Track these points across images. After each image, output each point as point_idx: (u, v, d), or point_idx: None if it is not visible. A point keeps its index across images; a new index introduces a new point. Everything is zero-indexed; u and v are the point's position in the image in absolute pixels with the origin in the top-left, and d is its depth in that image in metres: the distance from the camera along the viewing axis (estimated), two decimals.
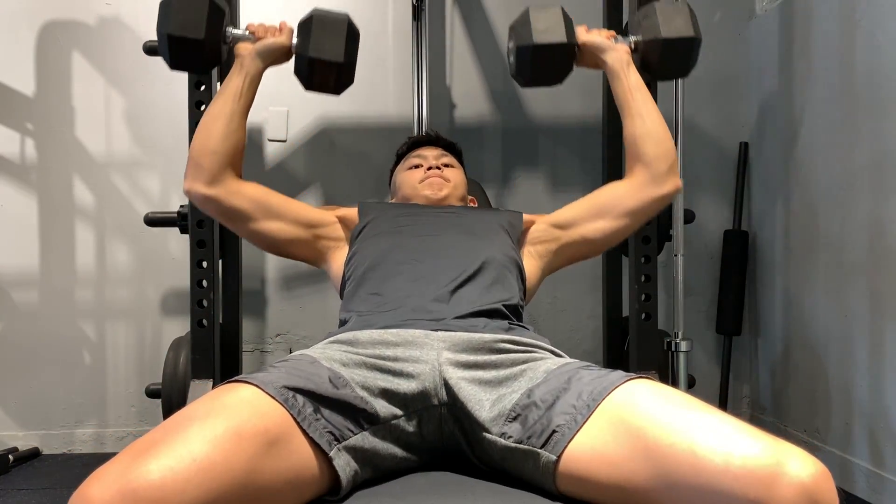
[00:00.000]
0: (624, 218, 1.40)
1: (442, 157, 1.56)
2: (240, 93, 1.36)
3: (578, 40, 1.43)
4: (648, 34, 1.41)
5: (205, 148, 1.32)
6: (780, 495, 0.68)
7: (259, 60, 1.39)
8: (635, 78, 1.42)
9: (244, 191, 1.35)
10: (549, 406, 0.90)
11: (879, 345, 1.85)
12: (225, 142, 1.32)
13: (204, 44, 1.33)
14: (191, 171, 1.33)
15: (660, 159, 1.38)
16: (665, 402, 0.82)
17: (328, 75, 1.37)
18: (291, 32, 1.41)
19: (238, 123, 1.35)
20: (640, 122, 1.39)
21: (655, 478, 0.77)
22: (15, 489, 2.02)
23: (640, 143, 1.39)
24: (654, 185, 1.38)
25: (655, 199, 1.39)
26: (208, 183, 1.31)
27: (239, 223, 1.36)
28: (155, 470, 0.69)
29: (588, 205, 1.43)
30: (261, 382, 0.86)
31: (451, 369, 0.97)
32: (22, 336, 2.41)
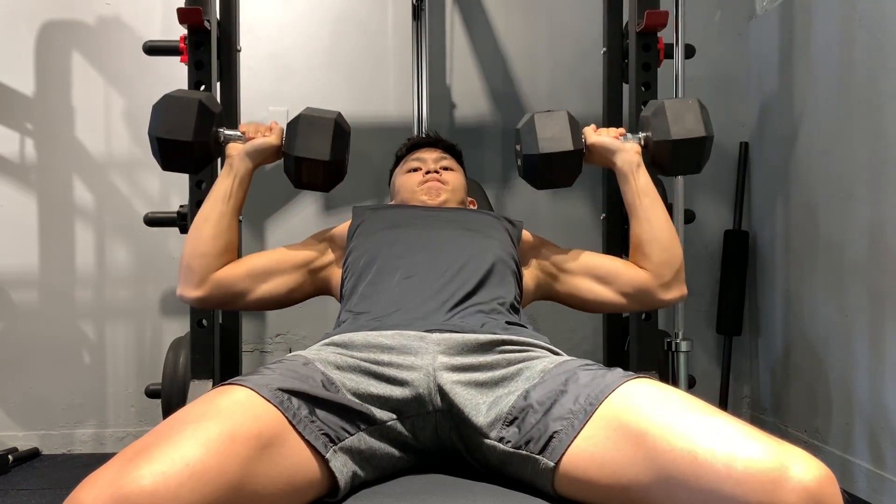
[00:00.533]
0: (621, 297, 1.39)
1: (441, 159, 1.56)
2: (229, 194, 1.37)
3: (587, 142, 1.42)
4: (658, 135, 1.39)
5: (194, 251, 1.34)
6: (784, 499, 0.67)
7: (248, 161, 1.40)
8: (644, 181, 1.40)
9: (232, 274, 1.35)
10: (546, 410, 0.89)
11: (879, 345, 1.85)
12: (214, 243, 1.34)
13: (193, 146, 1.35)
14: (183, 275, 1.35)
15: (665, 266, 1.37)
16: (665, 404, 0.81)
17: (316, 173, 1.39)
18: (282, 132, 1.42)
19: (228, 224, 1.36)
20: (648, 227, 1.38)
21: (656, 481, 0.76)
22: (15, 489, 2.02)
23: (646, 247, 1.38)
24: (659, 288, 1.38)
25: (657, 301, 1.39)
26: (198, 285, 1.33)
27: (239, 302, 1.37)
28: (147, 475, 0.68)
29: (590, 262, 1.42)
30: (255, 385, 0.86)
31: (445, 374, 0.96)
32: (22, 336, 2.41)
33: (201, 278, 1.33)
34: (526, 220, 1.52)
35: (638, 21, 1.80)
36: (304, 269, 1.40)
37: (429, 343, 1.01)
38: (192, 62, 1.79)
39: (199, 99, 1.37)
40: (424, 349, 0.99)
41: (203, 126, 1.36)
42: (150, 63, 2.23)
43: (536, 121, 1.39)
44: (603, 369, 0.94)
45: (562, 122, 1.39)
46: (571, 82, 2.50)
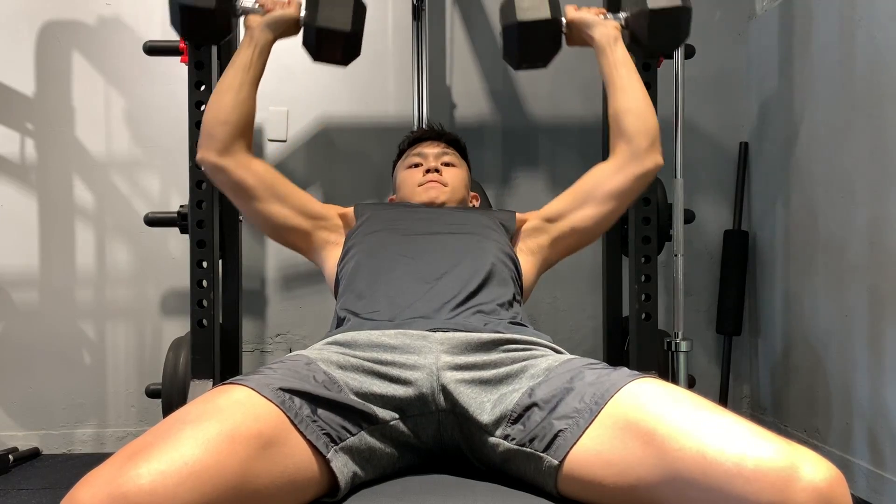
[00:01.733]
0: (609, 201, 1.40)
1: (443, 155, 1.55)
2: (249, 63, 1.39)
3: (567, 17, 1.43)
4: (635, 7, 1.41)
5: (216, 118, 1.35)
6: (794, 499, 0.67)
7: (268, 32, 1.42)
8: (622, 53, 1.42)
9: (253, 167, 1.37)
10: (551, 408, 0.89)
11: (879, 345, 1.85)
12: (235, 111, 1.36)
13: (215, 13, 1.36)
14: (203, 140, 1.37)
15: (641, 134, 1.38)
16: (673, 403, 0.81)
17: (336, 45, 1.40)
18: (300, 5, 1.43)
19: (247, 93, 1.38)
20: (623, 96, 1.40)
21: (664, 480, 0.75)
22: (15, 489, 2.02)
23: (623, 118, 1.39)
24: (636, 161, 1.38)
25: (637, 177, 1.39)
26: (219, 152, 1.35)
27: (244, 199, 1.38)
28: (145, 474, 0.68)
29: (573, 193, 1.44)
30: (256, 384, 0.85)
31: (448, 373, 0.96)
32: (22, 336, 2.41)
33: (224, 146, 1.35)
34: None
35: None
36: (311, 220, 1.41)
37: (432, 342, 1.00)
38: (192, 62, 1.80)
39: None
40: (428, 348, 0.99)
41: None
42: (150, 63, 2.23)
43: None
44: (608, 368, 0.94)
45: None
46: (571, 82, 2.50)
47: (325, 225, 1.42)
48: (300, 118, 2.46)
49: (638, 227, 1.86)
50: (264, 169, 1.40)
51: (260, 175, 1.37)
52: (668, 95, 1.98)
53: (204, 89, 1.79)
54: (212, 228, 1.80)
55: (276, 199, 1.38)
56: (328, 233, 1.42)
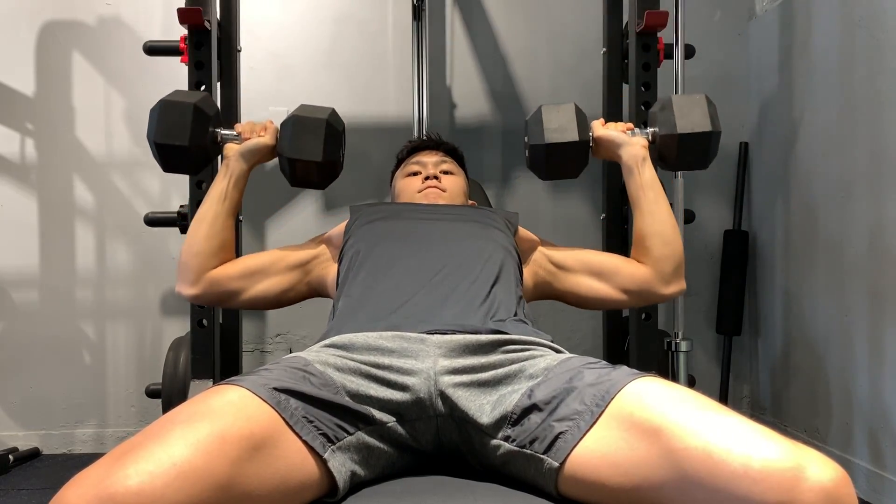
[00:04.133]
0: (622, 293, 1.39)
1: (441, 163, 1.56)
2: (224, 194, 1.39)
3: (594, 134, 1.43)
4: (664, 129, 1.39)
5: (190, 250, 1.37)
6: (801, 499, 0.67)
7: (243, 161, 1.41)
8: (649, 175, 1.41)
9: (227, 273, 1.37)
10: (552, 409, 0.89)
11: (879, 345, 1.85)
12: (208, 242, 1.36)
13: (189, 149, 1.37)
14: (179, 272, 1.38)
15: (666, 260, 1.37)
16: (678, 402, 0.81)
17: (310, 173, 1.40)
18: (276, 132, 1.44)
19: (223, 224, 1.38)
20: (651, 220, 1.39)
21: (669, 480, 0.75)
22: (15, 489, 2.02)
23: (649, 241, 1.38)
24: (660, 282, 1.38)
25: (657, 296, 1.40)
26: (192, 283, 1.36)
27: (233, 301, 1.39)
28: (133, 475, 0.68)
29: (588, 259, 1.43)
30: (252, 385, 0.85)
31: (446, 378, 0.96)
32: (22, 336, 2.41)
33: (196, 276, 1.36)
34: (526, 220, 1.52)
35: (638, 21, 1.80)
36: (299, 270, 1.40)
37: (430, 345, 1.00)
38: (193, 62, 1.79)
39: (194, 103, 1.38)
40: (425, 352, 0.99)
41: (199, 129, 1.38)
42: (150, 63, 2.23)
43: (544, 112, 1.41)
44: (608, 367, 0.94)
45: (569, 114, 1.40)
46: (571, 82, 2.50)
47: (314, 264, 1.42)
48: None
49: None
50: (236, 267, 1.39)
51: (235, 276, 1.37)
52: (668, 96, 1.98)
53: (204, 89, 1.79)
54: None
55: (259, 279, 1.38)
56: (321, 266, 1.42)
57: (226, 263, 1.38)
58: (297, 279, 1.40)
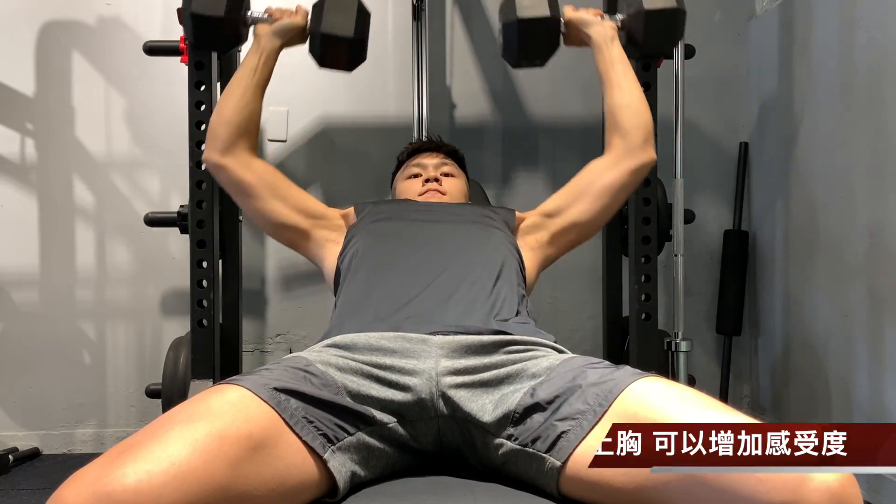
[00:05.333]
0: (605, 196, 1.42)
1: (442, 165, 1.56)
2: (255, 68, 1.44)
3: (565, 17, 1.48)
4: (631, 9, 1.46)
5: (220, 118, 1.41)
6: (807, 498, 0.67)
7: (275, 39, 1.47)
8: (618, 51, 1.46)
9: (254, 165, 1.41)
10: (554, 409, 0.89)
11: (879, 345, 1.85)
12: (239, 113, 1.40)
13: (224, 22, 1.42)
14: (208, 140, 1.42)
15: (636, 129, 1.41)
16: (682, 402, 0.81)
17: (340, 51, 1.44)
18: (306, 14, 1.48)
19: (252, 96, 1.43)
20: (619, 92, 1.43)
21: (674, 479, 0.75)
22: (15, 489, 2.02)
23: (618, 114, 1.43)
24: (630, 156, 1.41)
25: (632, 171, 1.42)
26: (222, 152, 1.39)
27: (245, 197, 1.42)
28: (131, 473, 0.68)
29: (570, 189, 1.46)
30: (252, 385, 0.85)
31: (448, 378, 0.96)
32: (22, 336, 2.41)
33: (225, 145, 1.40)
34: None
35: None
36: (309, 219, 1.43)
37: (431, 346, 1.00)
38: (192, 62, 1.80)
39: None
40: (427, 352, 0.99)
41: (235, 3, 1.43)
42: (150, 63, 2.23)
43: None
44: (611, 367, 0.94)
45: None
46: (571, 82, 2.49)
47: (324, 224, 1.43)
48: (300, 118, 2.45)
49: (638, 227, 1.86)
50: (265, 168, 1.43)
51: (260, 174, 1.41)
52: (668, 95, 1.98)
53: (204, 89, 1.79)
54: (212, 228, 1.80)
55: (276, 198, 1.41)
56: (328, 231, 1.43)
57: (255, 157, 1.43)
58: (303, 226, 1.42)
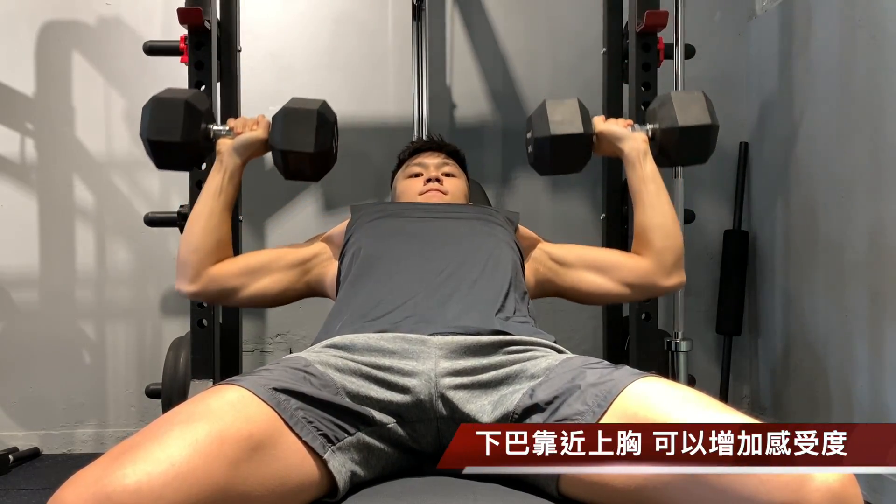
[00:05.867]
0: (623, 287, 1.40)
1: (443, 165, 1.56)
2: (219, 189, 1.39)
3: (595, 129, 1.44)
4: (665, 123, 1.42)
5: (188, 247, 1.36)
6: (808, 498, 0.67)
7: (236, 156, 1.41)
8: (651, 168, 1.42)
9: (226, 271, 1.37)
10: (553, 409, 0.89)
11: (879, 345, 1.85)
12: (206, 239, 1.36)
13: (183, 146, 1.37)
14: (179, 271, 1.38)
15: (667, 252, 1.38)
16: (683, 402, 0.81)
17: (303, 164, 1.40)
18: (268, 125, 1.43)
19: (219, 219, 1.38)
20: (652, 212, 1.40)
21: (674, 479, 0.75)
22: (15, 489, 2.02)
23: (650, 234, 1.39)
24: (660, 274, 1.38)
25: (658, 288, 1.40)
26: (192, 280, 1.36)
27: (233, 298, 1.39)
28: (131, 474, 0.68)
29: (590, 255, 1.44)
30: (251, 385, 0.85)
31: (447, 380, 0.96)
32: (22, 336, 2.41)
33: (196, 273, 1.35)
34: (526, 219, 1.52)
35: (638, 21, 1.81)
36: (299, 268, 1.40)
37: (431, 347, 1.00)
38: (193, 62, 1.79)
39: (185, 99, 1.37)
40: (426, 353, 0.99)
41: (191, 125, 1.38)
42: (150, 63, 2.22)
43: (548, 106, 1.43)
44: (610, 367, 0.94)
45: (573, 108, 1.42)
46: (571, 82, 2.49)
47: (315, 262, 1.42)
48: None
49: None
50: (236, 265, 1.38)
51: (234, 273, 1.37)
52: None
53: (204, 89, 1.79)
54: None
55: (259, 277, 1.38)
56: (322, 264, 1.42)
57: (225, 260, 1.38)
58: (297, 277, 1.40)
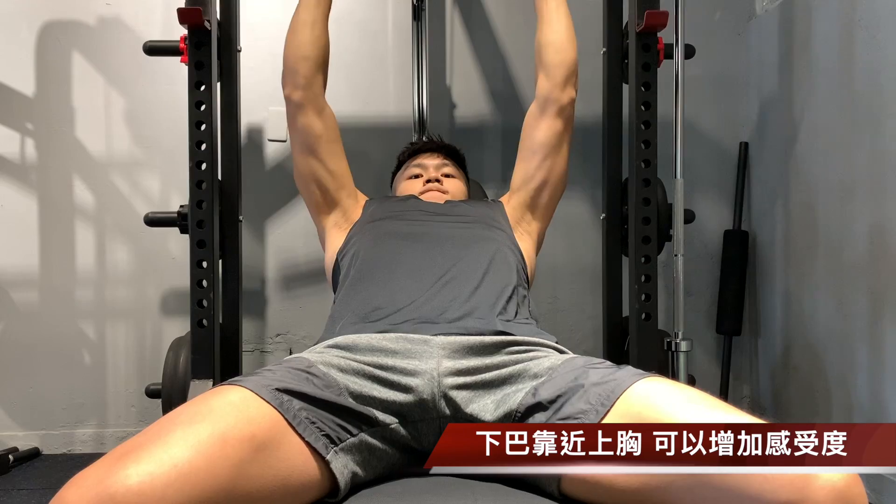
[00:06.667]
0: (547, 146, 1.48)
1: (443, 166, 1.56)
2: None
3: None
4: None
5: (297, 53, 1.43)
6: (813, 497, 0.67)
7: None
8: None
9: (326, 113, 1.47)
10: (556, 408, 0.89)
11: (879, 345, 1.85)
12: (313, 47, 1.43)
13: None
14: (287, 76, 1.45)
15: (558, 67, 1.44)
16: (686, 402, 0.81)
17: None
18: None
19: (321, 29, 1.45)
20: (548, 29, 1.47)
21: (678, 479, 0.75)
22: (15, 489, 2.02)
23: (544, 51, 1.46)
24: (552, 99, 1.44)
25: (556, 114, 1.45)
26: (304, 88, 1.43)
27: (306, 140, 1.47)
28: (134, 475, 0.68)
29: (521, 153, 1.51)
30: (254, 385, 0.85)
31: (450, 379, 0.96)
32: (22, 336, 2.41)
33: (307, 81, 1.43)
34: None
35: (638, 21, 1.80)
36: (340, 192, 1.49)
37: (433, 347, 1.00)
38: (193, 62, 1.79)
39: None
40: (429, 353, 0.99)
41: None
42: (150, 63, 2.23)
43: None
44: (612, 367, 0.94)
45: None
46: None
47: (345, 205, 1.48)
48: None
49: (638, 227, 1.86)
50: (332, 122, 1.48)
51: (330, 127, 1.46)
52: (668, 95, 1.97)
53: (204, 89, 1.79)
54: (212, 228, 1.80)
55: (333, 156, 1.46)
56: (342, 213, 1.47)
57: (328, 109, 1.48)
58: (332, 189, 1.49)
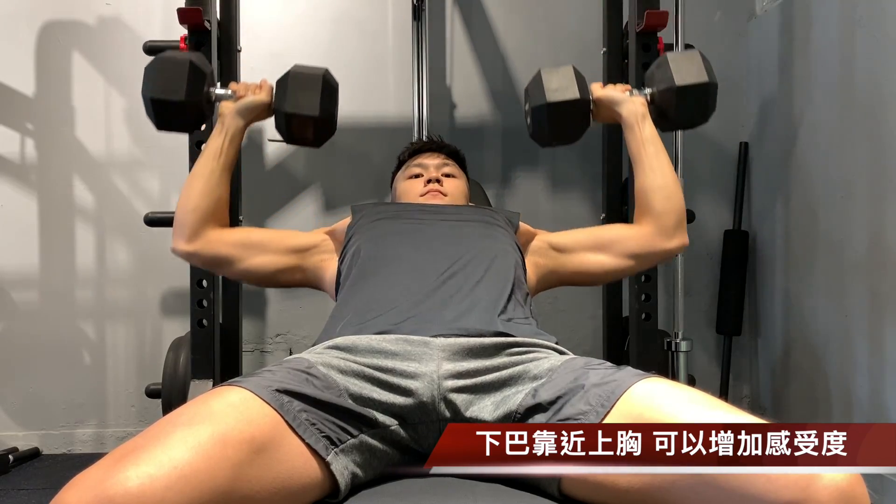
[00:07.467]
0: (627, 259, 1.39)
1: (443, 166, 1.56)
2: (220, 151, 1.39)
3: (594, 95, 1.43)
4: (662, 84, 1.40)
5: (186, 206, 1.36)
6: (816, 497, 0.67)
7: (239, 118, 1.41)
8: (650, 131, 1.41)
9: (225, 238, 1.37)
10: (556, 410, 0.88)
11: (879, 345, 1.85)
12: (204, 199, 1.35)
13: (185, 105, 1.36)
14: (175, 229, 1.37)
15: (668, 214, 1.37)
16: (688, 402, 0.81)
17: (306, 129, 1.40)
18: (271, 89, 1.43)
19: (218, 181, 1.37)
20: (652, 175, 1.39)
21: (680, 479, 0.75)
22: (15, 489, 2.02)
23: (651, 196, 1.38)
24: (662, 237, 1.38)
25: (661, 252, 1.39)
26: (188, 239, 1.35)
27: (225, 268, 1.39)
28: (133, 477, 0.67)
29: (590, 236, 1.43)
30: (254, 386, 0.85)
31: (450, 382, 0.96)
32: (22, 336, 2.41)
33: (193, 232, 1.35)
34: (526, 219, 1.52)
35: (638, 21, 1.81)
36: (297, 254, 1.39)
37: (433, 349, 1.00)
38: None
39: (190, 59, 1.38)
40: (429, 355, 0.99)
41: (195, 86, 1.37)
42: None
43: (543, 74, 1.41)
44: (612, 368, 0.94)
45: (568, 74, 1.42)
46: None
47: (314, 252, 1.41)
48: None
49: None
50: (237, 234, 1.40)
51: (233, 242, 1.37)
52: None
53: None
54: None
55: (256, 253, 1.37)
56: (320, 255, 1.41)
57: (225, 229, 1.38)
58: (294, 263, 1.39)
